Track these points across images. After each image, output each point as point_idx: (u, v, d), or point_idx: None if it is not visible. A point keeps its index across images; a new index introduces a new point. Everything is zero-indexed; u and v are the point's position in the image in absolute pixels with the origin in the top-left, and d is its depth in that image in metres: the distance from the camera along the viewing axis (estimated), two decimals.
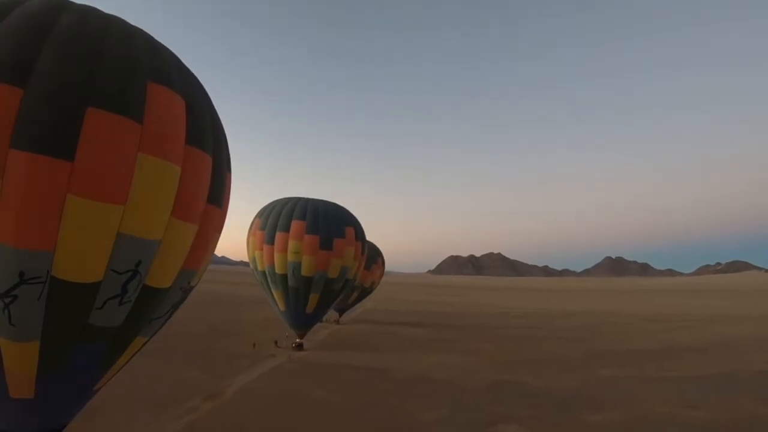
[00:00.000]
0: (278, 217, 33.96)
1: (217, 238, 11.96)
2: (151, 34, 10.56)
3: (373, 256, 57.30)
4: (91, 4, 9.94)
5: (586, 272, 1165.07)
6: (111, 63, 8.91)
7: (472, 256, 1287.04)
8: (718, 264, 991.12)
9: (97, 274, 8.79)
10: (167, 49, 10.67)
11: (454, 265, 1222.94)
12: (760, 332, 55.18)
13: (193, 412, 19.83)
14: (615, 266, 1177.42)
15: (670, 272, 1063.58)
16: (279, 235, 33.44)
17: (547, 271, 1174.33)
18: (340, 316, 59.39)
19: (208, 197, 10.55)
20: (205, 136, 10.39)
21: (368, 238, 40.95)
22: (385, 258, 64.89)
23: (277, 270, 33.69)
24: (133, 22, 10.44)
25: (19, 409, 9.70)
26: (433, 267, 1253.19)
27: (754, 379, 29.88)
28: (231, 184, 12.22)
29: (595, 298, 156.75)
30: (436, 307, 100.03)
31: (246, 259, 36.74)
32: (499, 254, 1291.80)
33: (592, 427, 20.09)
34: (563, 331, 59.47)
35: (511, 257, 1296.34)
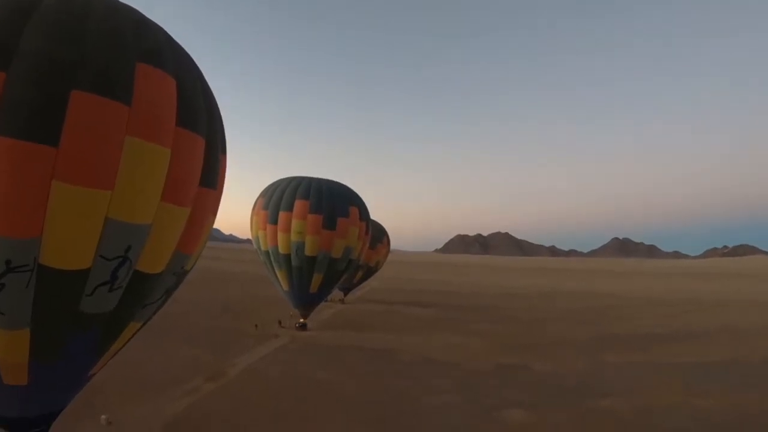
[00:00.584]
0: (282, 197, 33.63)
1: (212, 221, 11.61)
2: (141, 10, 10.06)
3: (378, 235, 57.18)
4: None
5: (593, 253, 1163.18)
6: (97, 43, 8.50)
7: (479, 235, 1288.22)
8: (725, 247, 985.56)
9: (86, 261, 8.55)
10: (157, 26, 10.16)
11: (462, 244, 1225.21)
12: (765, 319, 54.75)
13: (194, 393, 19.74)
14: (622, 247, 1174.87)
15: (677, 254, 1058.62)
16: (282, 215, 33.18)
17: (553, 251, 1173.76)
18: (345, 295, 59.64)
19: (201, 179, 10.18)
20: (198, 117, 9.97)
21: (373, 216, 40.67)
22: (391, 237, 64.81)
23: (281, 250, 33.53)
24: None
25: (14, 396, 9.66)
26: (440, 246, 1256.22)
27: (758, 367, 29.65)
28: (226, 165, 11.83)
29: (602, 280, 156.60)
30: (443, 287, 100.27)
31: None
32: (507, 234, 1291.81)
33: (597, 413, 19.94)
34: (569, 313, 59.46)
35: (519, 237, 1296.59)
